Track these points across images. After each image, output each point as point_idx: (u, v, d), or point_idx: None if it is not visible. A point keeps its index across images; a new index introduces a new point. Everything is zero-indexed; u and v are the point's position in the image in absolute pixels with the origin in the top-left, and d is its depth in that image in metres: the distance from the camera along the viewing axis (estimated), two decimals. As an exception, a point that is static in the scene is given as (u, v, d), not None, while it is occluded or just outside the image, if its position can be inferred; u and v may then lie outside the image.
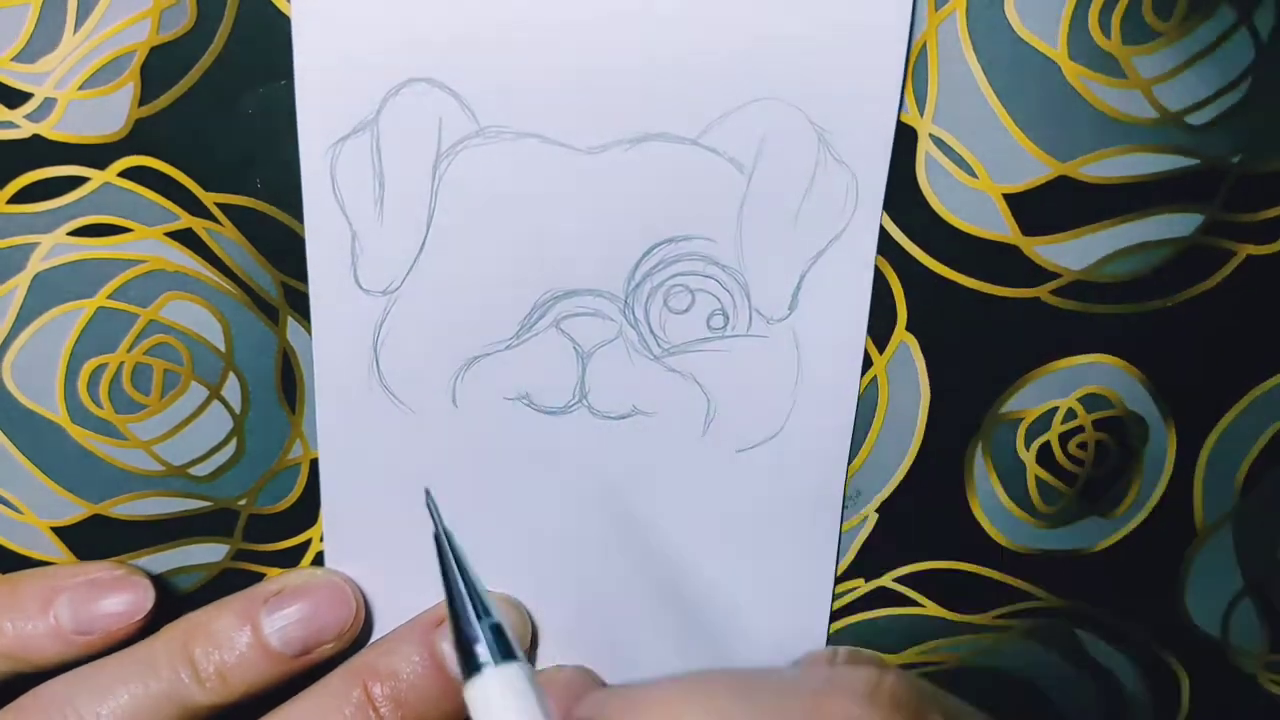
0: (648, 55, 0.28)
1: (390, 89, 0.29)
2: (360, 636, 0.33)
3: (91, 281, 0.30)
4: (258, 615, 0.31)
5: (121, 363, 0.31)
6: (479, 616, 0.24)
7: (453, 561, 0.25)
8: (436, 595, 0.33)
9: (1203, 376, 0.32)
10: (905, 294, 0.31)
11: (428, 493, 0.27)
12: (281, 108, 0.29)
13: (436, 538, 0.26)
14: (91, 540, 0.33)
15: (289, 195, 0.30)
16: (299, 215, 0.30)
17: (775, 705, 0.23)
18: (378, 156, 0.29)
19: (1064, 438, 0.32)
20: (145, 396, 0.31)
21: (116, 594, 0.31)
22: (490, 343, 0.31)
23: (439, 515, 0.26)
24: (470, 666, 0.24)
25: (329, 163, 0.29)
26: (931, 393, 0.32)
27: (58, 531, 0.32)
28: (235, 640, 0.31)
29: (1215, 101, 0.29)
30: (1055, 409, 0.32)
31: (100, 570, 0.32)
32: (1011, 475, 0.33)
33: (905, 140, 0.29)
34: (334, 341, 0.31)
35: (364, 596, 0.33)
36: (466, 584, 0.25)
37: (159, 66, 0.29)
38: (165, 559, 0.33)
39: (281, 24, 0.28)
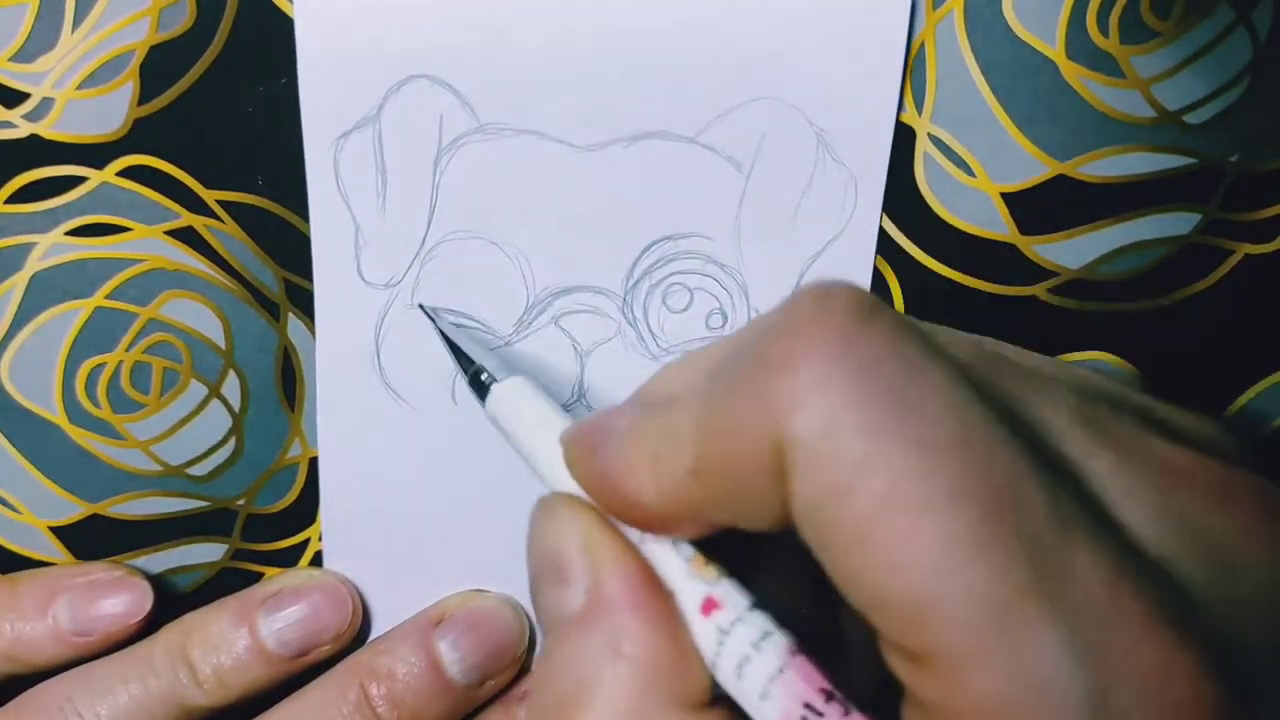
0: (647, 54, 0.28)
1: (391, 86, 0.29)
2: (358, 636, 0.33)
3: (90, 281, 0.30)
4: (255, 617, 0.31)
5: (120, 362, 0.31)
6: (472, 361, 0.27)
7: (445, 326, 0.29)
8: (434, 594, 0.33)
9: (1200, 375, 0.32)
10: (904, 293, 0.31)
11: (420, 306, 0.30)
12: (282, 105, 0.29)
13: (427, 314, 0.30)
14: (90, 540, 0.33)
15: (291, 191, 0.30)
16: (300, 211, 0.30)
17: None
18: (380, 152, 0.29)
19: (1062, 437, 0.32)
20: (144, 396, 0.31)
21: (115, 595, 0.31)
22: (489, 339, 0.31)
23: (427, 310, 0.30)
24: (481, 394, 0.26)
25: (332, 157, 0.29)
26: (930, 392, 0.32)
27: (56, 531, 0.32)
28: (233, 642, 0.31)
29: (1213, 101, 0.29)
30: (1053, 408, 0.32)
31: (99, 571, 0.32)
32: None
33: (903, 139, 0.29)
34: (337, 335, 0.31)
35: (361, 596, 0.33)
36: (458, 341, 0.28)
37: (158, 65, 0.29)
38: (164, 558, 0.33)
39: (281, 22, 0.28)
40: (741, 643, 0.19)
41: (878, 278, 0.31)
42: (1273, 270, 0.31)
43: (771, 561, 0.23)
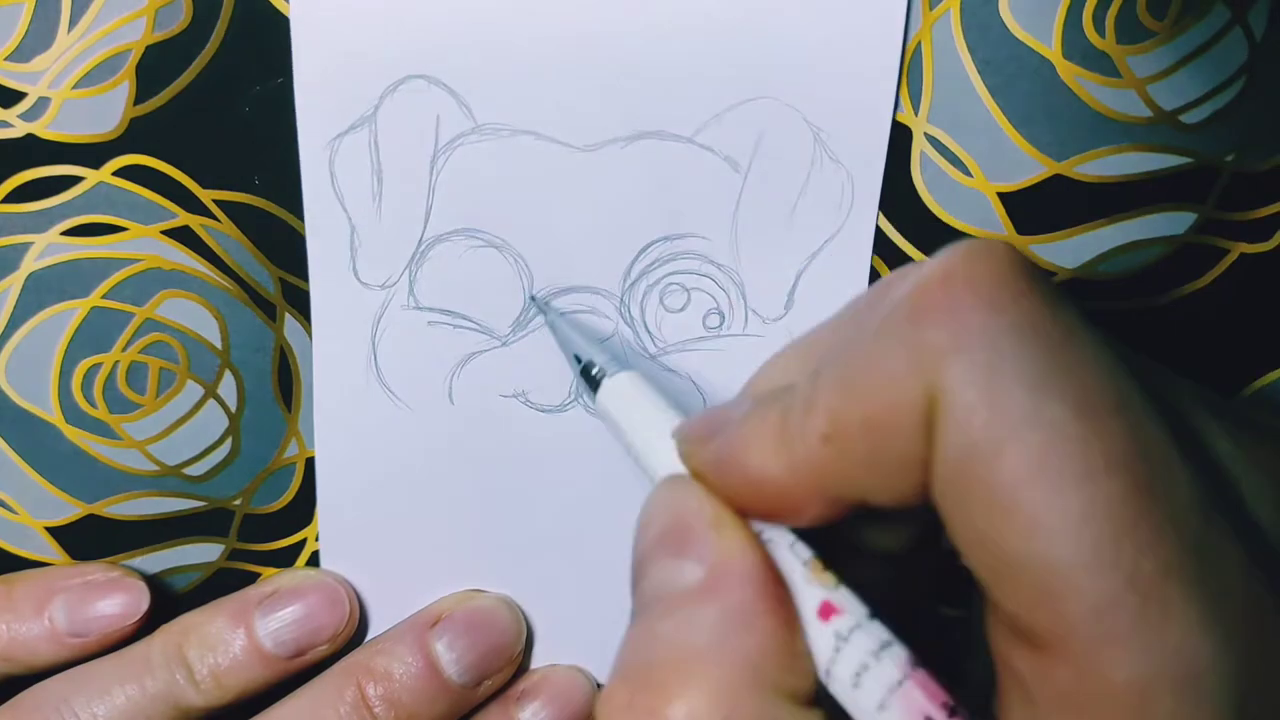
0: (644, 53, 0.28)
1: (388, 86, 0.29)
2: (355, 635, 0.33)
3: (86, 281, 0.30)
4: (251, 618, 0.31)
5: (116, 362, 0.31)
6: (580, 358, 0.28)
7: (555, 320, 0.29)
8: (431, 594, 0.33)
9: (1197, 375, 0.32)
10: (901, 292, 0.31)
11: (532, 298, 0.31)
12: (278, 105, 0.29)
13: (539, 306, 0.31)
14: (86, 540, 0.32)
15: (288, 192, 0.30)
16: (297, 211, 0.30)
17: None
18: (376, 152, 0.29)
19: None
20: (140, 396, 0.31)
21: (112, 596, 0.31)
22: (486, 340, 0.31)
23: (540, 302, 0.30)
24: (593, 386, 0.27)
25: (328, 157, 0.29)
26: (927, 391, 0.32)
27: (52, 531, 0.32)
28: (229, 643, 0.31)
29: (1209, 100, 0.29)
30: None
31: (96, 572, 0.32)
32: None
33: (900, 139, 0.29)
34: (333, 335, 0.31)
35: (358, 596, 0.33)
36: (568, 335, 0.29)
37: (154, 65, 0.29)
38: (160, 559, 0.33)
39: (277, 22, 0.28)
40: (860, 650, 0.19)
41: (874, 277, 0.31)
42: (1269, 269, 0.31)
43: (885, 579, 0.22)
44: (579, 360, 0.27)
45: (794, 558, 0.20)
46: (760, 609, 0.19)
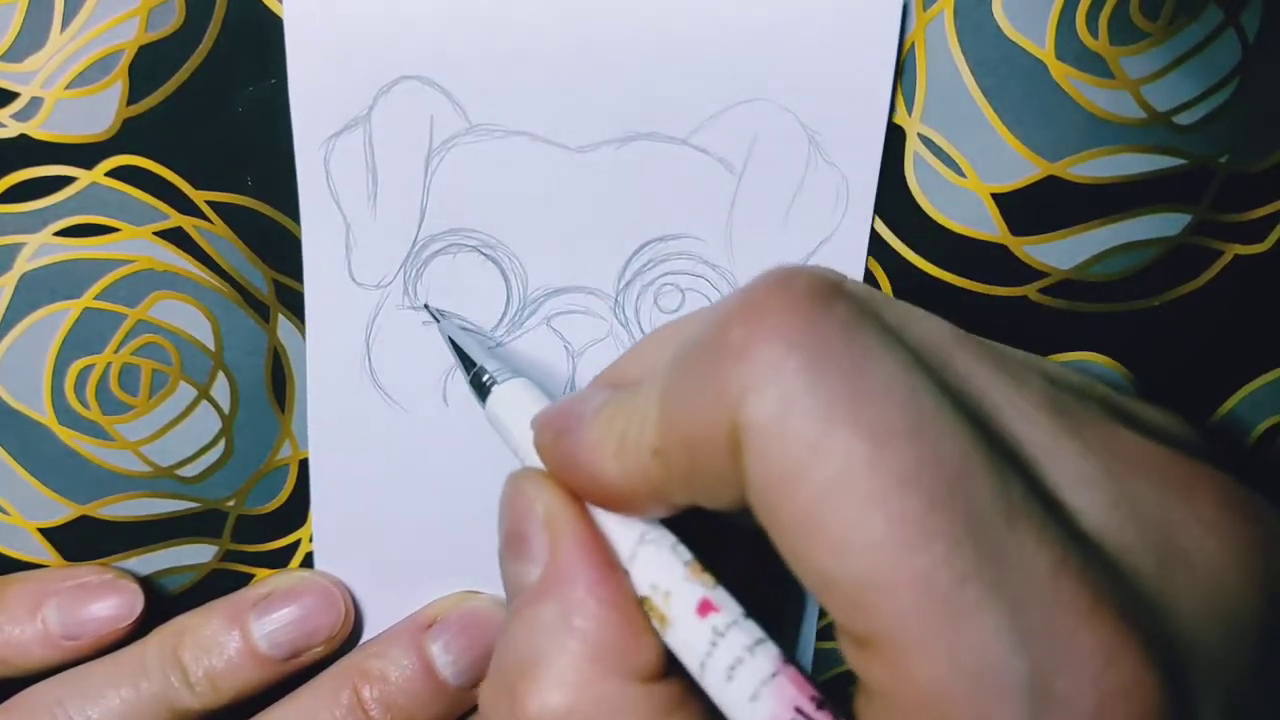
0: (638, 55, 0.28)
1: (382, 86, 0.29)
2: (351, 637, 0.33)
3: (79, 282, 0.30)
4: (247, 619, 0.31)
5: (109, 363, 0.31)
6: (473, 364, 0.28)
7: (450, 331, 0.29)
8: (426, 595, 0.33)
9: (1191, 376, 0.32)
10: (894, 293, 0.31)
11: (425, 306, 0.30)
12: (272, 106, 0.29)
13: (432, 313, 0.30)
14: (79, 541, 0.32)
15: (281, 192, 0.30)
16: (291, 212, 0.30)
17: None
18: (370, 153, 0.29)
19: (1053, 437, 0.32)
20: (133, 397, 0.31)
21: (105, 599, 0.31)
22: (490, 341, 0.31)
23: (432, 310, 0.30)
24: (483, 394, 0.27)
25: (323, 157, 0.29)
26: (921, 392, 0.32)
27: (45, 533, 0.32)
28: (224, 645, 0.31)
29: (1203, 101, 0.29)
30: (1044, 408, 0.32)
31: (89, 574, 0.32)
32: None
33: (894, 140, 0.29)
34: (327, 336, 0.31)
35: (353, 598, 0.33)
36: (460, 341, 0.29)
37: (147, 65, 0.29)
38: (153, 560, 0.33)
39: (271, 22, 0.28)
40: (735, 645, 0.20)
41: (869, 278, 0.31)
42: (1263, 271, 0.31)
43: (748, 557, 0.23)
44: (471, 367, 0.28)
45: (675, 558, 0.21)
46: (593, 599, 0.21)
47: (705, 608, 0.20)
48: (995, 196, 0.30)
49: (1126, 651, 0.16)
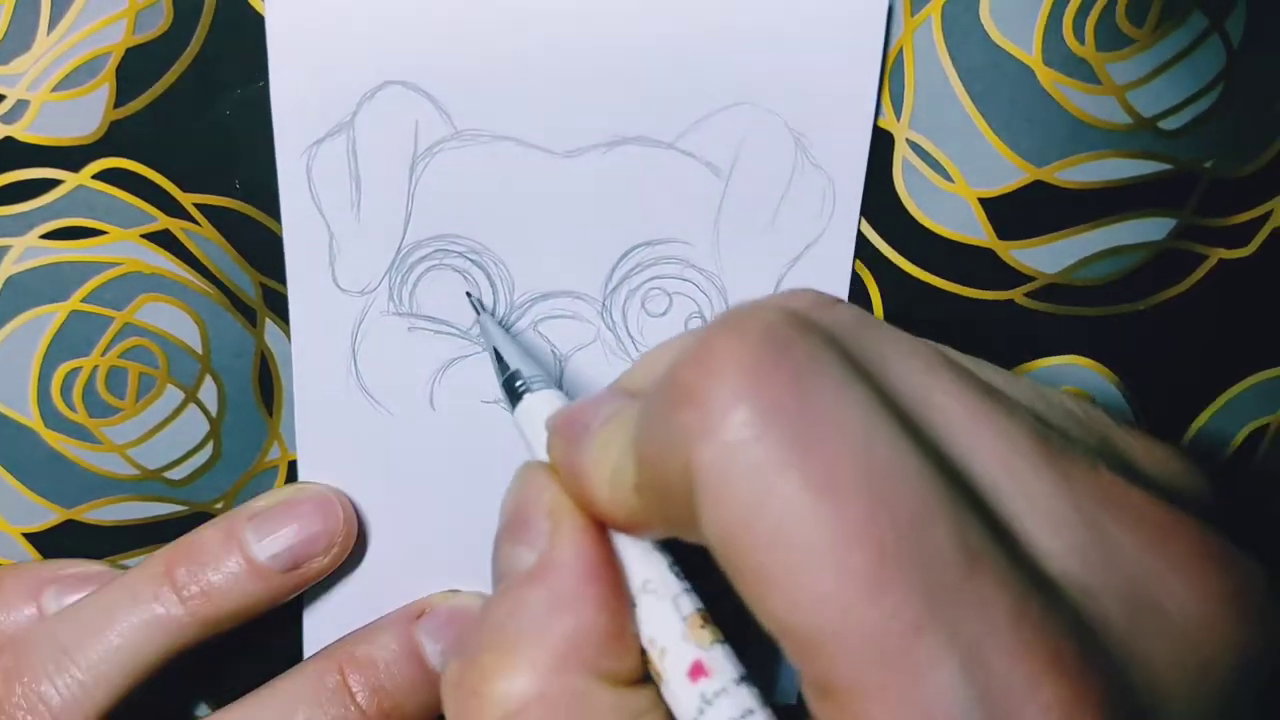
0: (625, 59, 0.28)
1: (366, 92, 0.29)
2: (345, 638, 0.32)
3: (65, 285, 0.30)
4: (242, 532, 0.30)
5: (96, 366, 0.31)
6: (509, 366, 0.27)
7: (491, 330, 0.29)
8: (414, 594, 0.33)
9: (1175, 379, 0.32)
10: (882, 297, 0.31)
11: (468, 295, 0.30)
12: (260, 109, 0.29)
13: (474, 306, 0.30)
14: (65, 546, 0.32)
15: (268, 196, 0.30)
16: (278, 216, 0.30)
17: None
18: (354, 159, 0.29)
19: (1039, 440, 0.32)
20: (120, 400, 0.31)
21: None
22: (467, 345, 0.31)
23: (478, 304, 0.30)
24: (514, 399, 0.27)
25: (305, 164, 0.29)
26: (908, 396, 0.32)
27: (30, 537, 0.32)
28: (221, 559, 0.30)
29: (1188, 107, 0.29)
30: (1031, 412, 0.32)
31: (80, 566, 0.31)
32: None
33: (881, 145, 0.29)
34: (313, 342, 0.31)
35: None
36: (501, 345, 0.28)
37: (135, 68, 0.29)
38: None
39: (258, 25, 0.28)
40: (722, 716, 0.20)
41: (856, 282, 0.31)
42: (1247, 275, 0.31)
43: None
44: (506, 369, 0.27)
45: (675, 613, 0.21)
46: (583, 594, 0.21)
47: (697, 672, 0.20)
48: (982, 201, 0.30)
49: (1085, 704, 0.16)
